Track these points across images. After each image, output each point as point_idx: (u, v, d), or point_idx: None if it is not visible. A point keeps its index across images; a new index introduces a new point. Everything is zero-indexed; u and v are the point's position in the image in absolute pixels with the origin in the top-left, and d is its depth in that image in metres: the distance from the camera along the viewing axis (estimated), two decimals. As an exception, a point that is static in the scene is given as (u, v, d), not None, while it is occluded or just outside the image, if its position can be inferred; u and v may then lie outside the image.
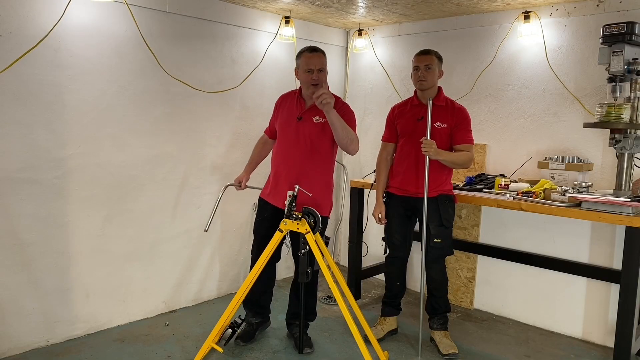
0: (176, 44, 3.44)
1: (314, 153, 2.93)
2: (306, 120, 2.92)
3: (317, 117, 2.91)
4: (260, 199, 3.12)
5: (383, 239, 3.32)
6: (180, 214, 3.61)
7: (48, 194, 2.93)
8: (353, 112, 3.02)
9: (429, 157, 2.94)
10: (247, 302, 3.16)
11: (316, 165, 2.94)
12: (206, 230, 3.07)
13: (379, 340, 3.10)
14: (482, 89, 3.84)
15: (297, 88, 3.05)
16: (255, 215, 3.21)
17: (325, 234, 2.99)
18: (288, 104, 3.03)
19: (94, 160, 3.11)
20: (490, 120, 3.82)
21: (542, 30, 3.48)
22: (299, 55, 2.91)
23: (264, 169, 3.32)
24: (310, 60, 2.84)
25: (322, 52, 2.90)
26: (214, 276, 3.91)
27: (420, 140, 2.95)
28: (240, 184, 3.25)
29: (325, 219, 2.96)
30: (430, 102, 2.93)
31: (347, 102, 3.14)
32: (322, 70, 2.86)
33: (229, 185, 3.29)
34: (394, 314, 3.34)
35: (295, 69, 2.99)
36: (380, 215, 3.20)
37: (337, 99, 2.95)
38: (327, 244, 2.90)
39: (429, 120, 2.94)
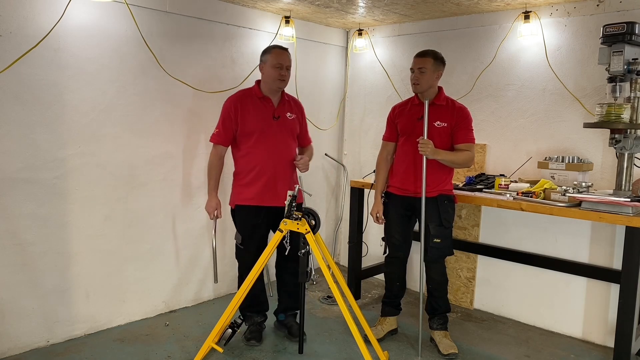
0: (176, 44, 3.44)
1: (293, 146, 3.13)
2: (283, 118, 3.06)
3: (289, 113, 3.10)
4: (247, 207, 3.01)
5: (383, 239, 3.32)
6: (180, 214, 3.61)
7: (48, 194, 2.94)
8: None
9: (426, 157, 2.95)
10: (248, 306, 3.15)
11: (295, 156, 3.13)
12: (216, 282, 3.07)
13: (379, 341, 3.10)
14: (482, 89, 3.84)
15: (251, 88, 3.07)
16: (237, 226, 3.08)
17: (324, 234, 3.00)
18: (251, 106, 3.00)
19: (94, 160, 3.11)
20: (490, 120, 3.82)
21: (542, 30, 3.48)
22: (268, 52, 2.99)
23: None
24: (280, 56, 2.97)
25: (289, 52, 3.05)
26: (214, 276, 3.90)
27: (417, 139, 2.95)
28: (217, 215, 3.08)
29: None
30: (426, 102, 2.95)
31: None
32: (289, 68, 3.02)
33: (216, 225, 3.15)
34: (394, 314, 3.34)
35: (260, 64, 3.03)
36: (377, 214, 3.20)
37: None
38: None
39: (425, 120, 2.95)
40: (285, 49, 3.01)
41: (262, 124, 2.99)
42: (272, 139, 3.00)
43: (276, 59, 2.94)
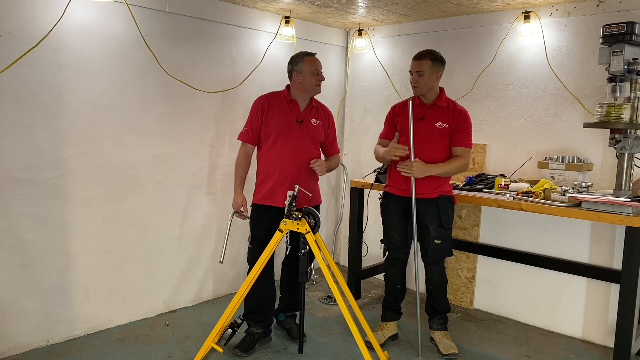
0: (176, 44, 3.44)
1: (314, 152, 3.10)
2: (307, 123, 3.06)
3: (314, 119, 3.09)
4: (262, 206, 3.04)
5: (382, 241, 3.30)
6: (180, 214, 3.61)
7: (48, 194, 2.94)
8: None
9: (414, 178, 2.94)
10: (248, 314, 3.12)
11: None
12: (221, 262, 2.96)
13: (380, 346, 3.06)
14: (482, 89, 3.84)
15: (281, 91, 3.09)
16: (250, 224, 3.10)
17: (324, 234, 2.99)
18: (277, 107, 3.04)
19: (94, 160, 3.11)
20: (490, 120, 3.82)
21: (542, 30, 3.48)
22: (300, 60, 3.00)
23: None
24: (316, 62, 3.01)
25: None
26: (214, 276, 3.91)
27: (397, 166, 2.96)
28: (242, 212, 3.09)
29: (319, 206, 3.20)
30: (410, 103, 2.97)
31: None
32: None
33: (235, 212, 3.10)
34: (395, 319, 3.30)
35: (295, 73, 3.01)
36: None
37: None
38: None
39: (410, 119, 2.94)
40: (315, 53, 3.06)
41: (284, 126, 3.01)
42: (291, 142, 3.00)
43: (313, 65, 2.98)
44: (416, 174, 2.92)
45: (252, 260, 3.03)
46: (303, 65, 2.98)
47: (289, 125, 3.01)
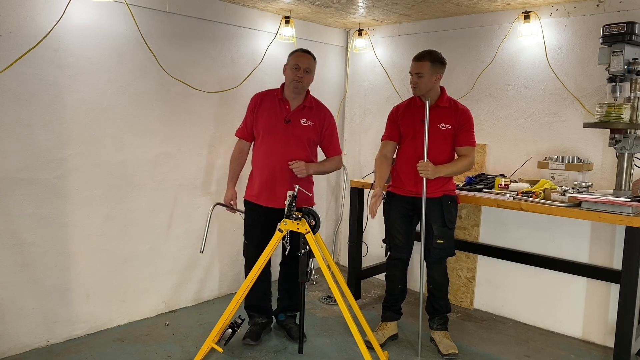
0: (176, 44, 3.44)
1: (303, 152, 3.04)
2: (295, 123, 3.01)
3: (305, 119, 3.04)
4: (249, 202, 3.10)
5: (384, 240, 3.30)
6: (180, 214, 3.61)
7: (48, 194, 2.94)
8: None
9: (426, 179, 2.93)
10: (250, 307, 3.16)
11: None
12: (202, 252, 2.96)
13: (380, 346, 3.06)
14: (482, 89, 3.84)
15: (277, 89, 3.09)
16: (244, 220, 3.18)
17: (324, 234, 2.99)
18: (269, 104, 3.04)
19: (94, 160, 3.11)
20: (490, 120, 3.82)
21: (542, 30, 3.48)
22: (291, 54, 3.04)
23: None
24: (298, 58, 2.98)
25: (313, 57, 3.05)
26: (214, 276, 3.91)
27: (417, 164, 2.95)
28: (232, 205, 3.15)
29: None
30: (427, 103, 2.92)
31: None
32: (309, 72, 2.99)
33: (218, 204, 3.13)
34: (395, 319, 3.30)
35: (284, 66, 3.07)
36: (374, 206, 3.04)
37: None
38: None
39: (426, 124, 2.92)
40: (306, 52, 3.03)
41: (271, 125, 3.00)
42: (277, 141, 2.99)
43: (294, 60, 2.98)
44: (430, 175, 2.92)
45: (244, 253, 3.16)
46: (289, 58, 3.02)
47: (276, 124, 3.00)
